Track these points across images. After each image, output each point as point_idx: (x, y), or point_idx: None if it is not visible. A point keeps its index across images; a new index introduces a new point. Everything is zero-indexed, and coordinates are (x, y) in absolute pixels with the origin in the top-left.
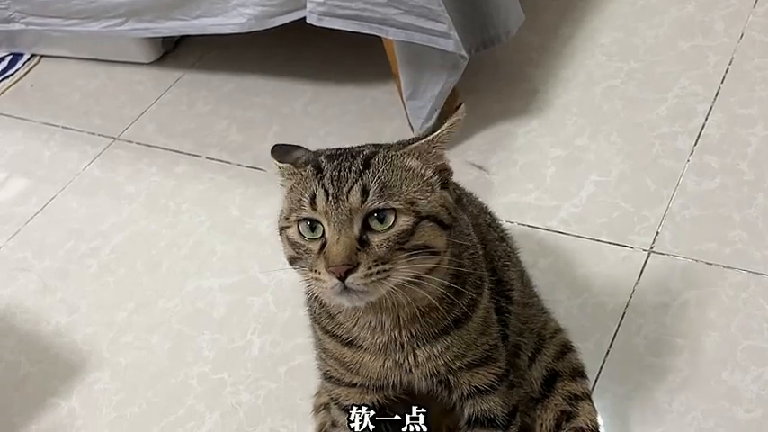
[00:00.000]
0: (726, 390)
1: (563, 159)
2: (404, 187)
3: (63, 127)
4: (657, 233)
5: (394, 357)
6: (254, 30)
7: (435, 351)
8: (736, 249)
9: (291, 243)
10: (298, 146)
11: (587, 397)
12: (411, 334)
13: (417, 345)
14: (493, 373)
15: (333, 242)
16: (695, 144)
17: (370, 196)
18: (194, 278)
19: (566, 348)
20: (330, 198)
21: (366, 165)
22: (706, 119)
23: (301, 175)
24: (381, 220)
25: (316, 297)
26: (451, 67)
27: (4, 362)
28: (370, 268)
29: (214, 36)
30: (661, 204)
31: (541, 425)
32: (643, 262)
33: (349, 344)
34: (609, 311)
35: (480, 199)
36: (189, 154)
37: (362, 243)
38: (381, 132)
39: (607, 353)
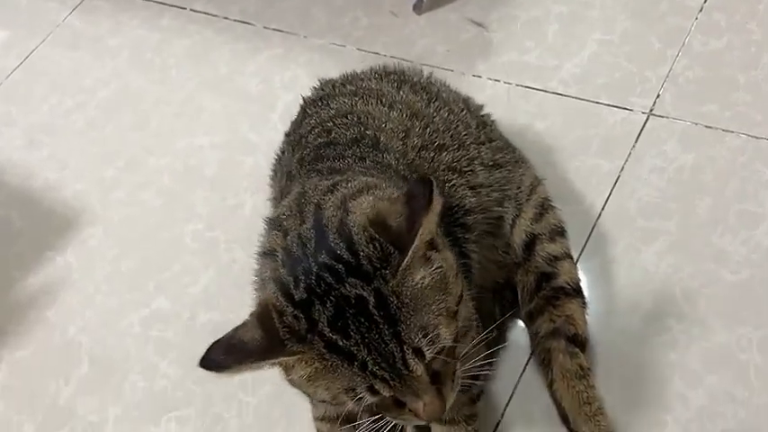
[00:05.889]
0: (714, 252)
1: (566, 16)
2: (434, 307)
3: None
4: (658, 95)
5: None
6: None
7: None
8: (737, 112)
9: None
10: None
11: (567, 256)
12: None
13: None
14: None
15: (419, 408)
16: (705, 1)
17: (427, 355)
18: (184, 135)
19: (543, 209)
20: (393, 382)
21: (391, 322)
22: None
23: (322, 361)
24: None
25: None
26: None
27: None
28: (452, 393)
29: None
30: (664, 65)
31: (523, 288)
32: (642, 124)
33: None
34: (603, 175)
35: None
36: (173, 5)
37: (434, 379)
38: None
39: (599, 216)
